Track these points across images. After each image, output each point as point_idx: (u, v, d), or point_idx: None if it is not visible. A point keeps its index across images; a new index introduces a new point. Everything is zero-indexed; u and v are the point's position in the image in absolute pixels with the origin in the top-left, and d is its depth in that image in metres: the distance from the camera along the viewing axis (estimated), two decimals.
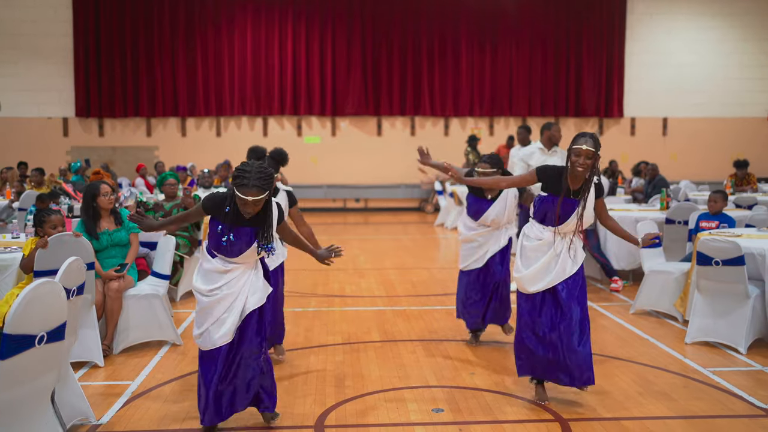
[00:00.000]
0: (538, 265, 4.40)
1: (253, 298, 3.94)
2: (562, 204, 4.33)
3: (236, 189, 3.74)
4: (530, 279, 4.42)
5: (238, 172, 3.75)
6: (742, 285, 5.61)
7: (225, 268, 3.89)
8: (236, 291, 3.89)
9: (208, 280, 3.92)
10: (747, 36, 18.86)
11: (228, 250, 3.85)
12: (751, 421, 4.25)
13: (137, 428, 4.16)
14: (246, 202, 3.73)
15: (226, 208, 3.82)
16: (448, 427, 4.17)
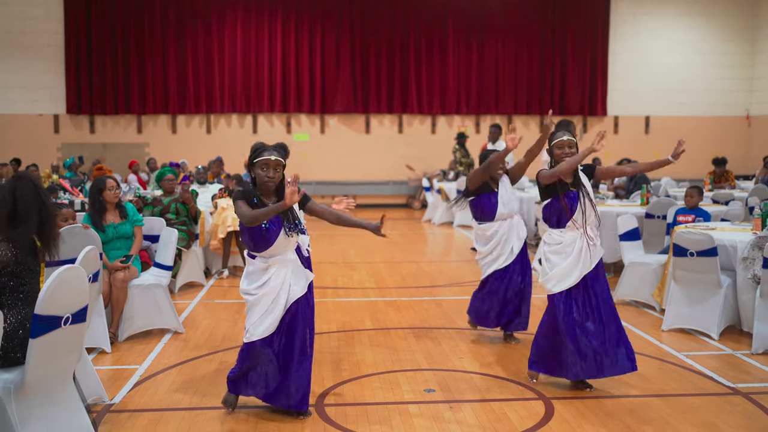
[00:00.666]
0: (562, 266, 4.58)
1: (297, 287, 4.16)
2: (566, 198, 4.58)
3: (258, 157, 4.05)
4: (556, 279, 4.60)
5: (255, 146, 4.13)
6: (714, 275, 5.95)
7: (266, 265, 4.12)
8: (279, 283, 4.11)
9: (251, 280, 4.17)
10: (728, 36, 19.29)
11: (266, 240, 4.06)
12: (719, 399, 4.58)
13: (148, 407, 4.43)
14: (269, 163, 4.02)
15: (254, 200, 4.09)
16: (439, 405, 4.47)
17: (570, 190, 4.61)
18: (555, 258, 4.64)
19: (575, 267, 4.57)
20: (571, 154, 4.58)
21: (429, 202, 15.82)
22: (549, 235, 4.72)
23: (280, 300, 4.10)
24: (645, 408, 4.42)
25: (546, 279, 4.67)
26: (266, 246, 4.10)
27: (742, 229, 6.60)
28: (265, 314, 4.10)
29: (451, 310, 6.96)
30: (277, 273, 4.11)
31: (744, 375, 5.04)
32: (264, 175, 4.05)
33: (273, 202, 4.10)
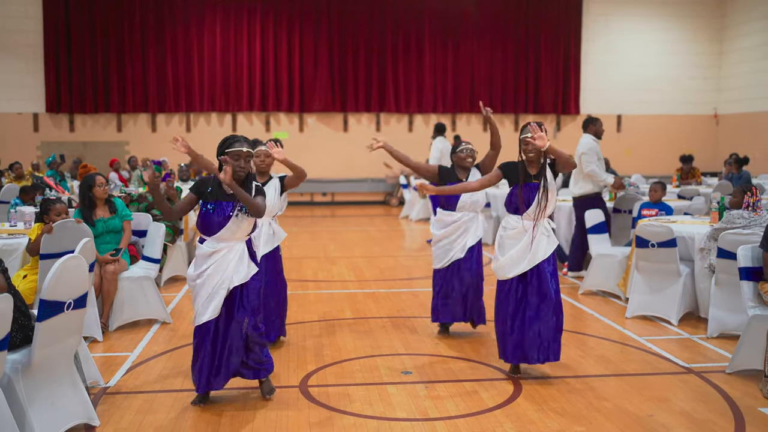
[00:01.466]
0: (514, 252, 4.77)
1: (237, 276, 4.30)
2: (526, 189, 4.78)
3: (230, 148, 4.25)
4: (508, 265, 4.80)
5: (226, 138, 4.33)
6: (674, 265, 6.33)
7: (212, 250, 4.26)
8: (221, 270, 4.26)
9: (196, 265, 4.33)
10: (697, 38, 19.83)
11: (212, 223, 4.24)
12: (674, 377, 4.95)
13: (141, 389, 4.70)
14: (240, 154, 4.22)
15: (209, 188, 4.32)
16: (416, 386, 4.79)
17: (532, 182, 4.80)
18: (509, 243, 4.83)
19: (525, 255, 4.76)
20: (535, 151, 4.76)
21: (406, 199, 16.15)
22: (506, 219, 4.93)
23: (221, 288, 4.26)
24: (605, 386, 4.77)
25: (498, 266, 4.88)
26: (214, 230, 4.26)
27: (701, 222, 7.00)
28: (207, 299, 4.27)
29: (428, 301, 7.23)
30: (221, 259, 4.27)
31: (698, 356, 5.42)
32: (236, 165, 4.21)
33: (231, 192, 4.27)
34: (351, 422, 4.15)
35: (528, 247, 4.76)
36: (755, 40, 18.48)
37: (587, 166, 8.13)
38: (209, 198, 4.30)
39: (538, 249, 4.77)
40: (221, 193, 4.29)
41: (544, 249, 4.79)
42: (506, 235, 4.86)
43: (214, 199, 4.28)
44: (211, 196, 4.30)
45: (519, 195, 4.79)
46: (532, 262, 4.77)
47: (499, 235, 4.95)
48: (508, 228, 4.88)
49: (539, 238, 4.76)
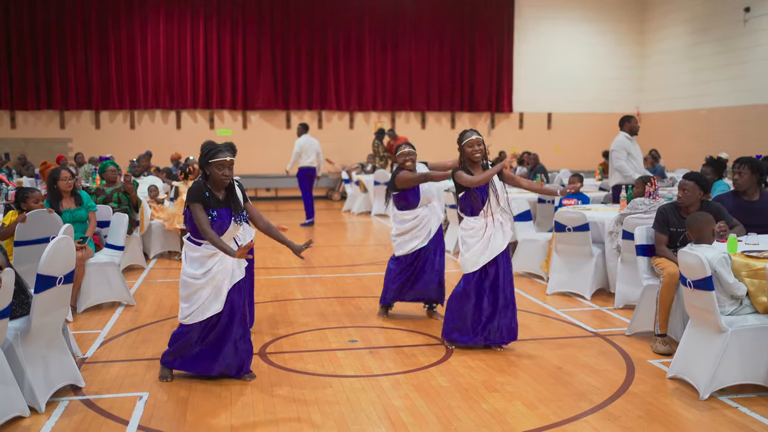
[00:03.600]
0: (475, 248, 5.25)
1: (239, 271, 4.61)
2: (478, 190, 5.24)
3: (213, 158, 4.46)
4: (471, 260, 5.28)
5: (209, 147, 4.53)
6: (587, 246, 7.18)
7: (213, 251, 4.49)
8: (224, 268, 4.54)
9: (197, 265, 4.52)
10: (620, 41, 21.05)
11: (217, 230, 4.44)
12: (582, 339, 5.77)
13: (117, 359, 5.26)
14: (224, 163, 4.46)
15: (206, 193, 4.48)
16: (361, 351, 5.47)
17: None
18: (470, 241, 5.31)
19: (485, 249, 5.25)
20: (480, 151, 5.30)
21: (348, 193, 16.82)
22: (465, 222, 5.38)
23: (225, 284, 4.54)
24: (524, 347, 5.54)
25: (463, 260, 5.37)
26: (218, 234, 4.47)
27: (612, 209, 7.89)
28: (210, 299, 4.52)
29: (370, 284, 7.98)
30: (222, 259, 4.53)
31: (605, 323, 6.26)
32: (221, 174, 4.47)
33: (222, 196, 4.55)
34: (305, 379, 4.81)
35: (487, 242, 5.24)
36: (673, 43, 19.79)
37: (616, 162, 9.01)
38: (210, 204, 4.48)
39: (497, 241, 5.26)
40: (216, 201, 4.51)
41: (501, 240, 5.28)
42: (467, 234, 5.33)
43: (214, 206, 4.49)
44: (210, 202, 4.48)
45: (473, 197, 5.24)
46: (491, 255, 5.26)
47: (460, 236, 5.41)
48: (468, 228, 5.33)
49: (497, 232, 5.26)
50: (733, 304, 4.52)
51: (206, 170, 4.55)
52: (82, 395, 4.48)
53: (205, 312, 4.57)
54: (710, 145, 17.58)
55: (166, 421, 4.11)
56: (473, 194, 5.29)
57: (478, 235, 5.28)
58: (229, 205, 4.57)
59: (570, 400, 4.40)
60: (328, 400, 4.41)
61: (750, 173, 5.86)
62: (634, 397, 4.45)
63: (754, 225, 5.73)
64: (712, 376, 4.34)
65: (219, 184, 4.54)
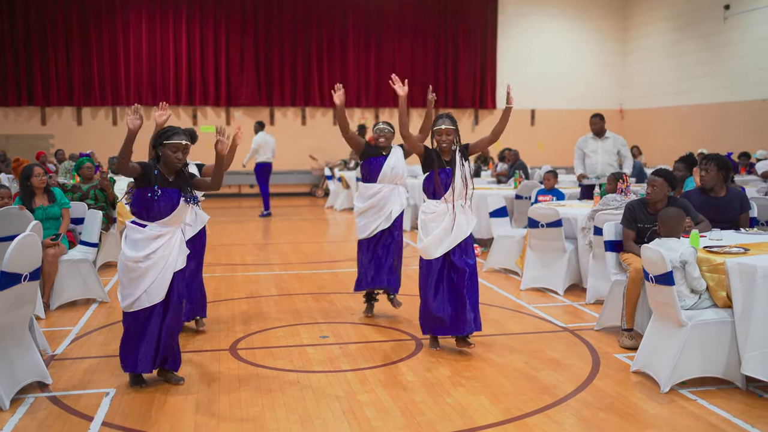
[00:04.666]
0: (437, 232, 5.16)
1: (181, 259, 4.50)
2: (442, 175, 5.17)
3: (169, 139, 4.37)
4: (432, 245, 5.19)
5: (165, 129, 4.46)
6: (560, 242, 7.24)
7: (158, 233, 4.38)
8: (168, 253, 4.40)
9: (140, 247, 4.35)
10: (604, 37, 21.15)
11: (159, 211, 4.36)
12: (552, 334, 5.82)
13: (87, 356, 5.27)
14: (179, 146, 4.38)
15: (155, 170, 4.42)
16: (332, 347, 5.51)
17: (445, 167, 5.21)
18: (431, 225, 5.22)
19: (446, 236, 5.18)
20: (447, 141, 5.18)
21: (331, 190, 16.83)
22: (426, 204, 5.31)
23: (168, 269, 4.40)
24: (493, 343, 5.59)
25: (423, 246, 5.27)
26: (163, 215, 4.39)
27: (585, 205, 7.95)
28: (154, 284, 4.36)
29: (347, 280, 8.01)
30: (167, 242, 4.41)
31: (575, 318, 6.32)
32: (173, 156, 4.38)
33: (172, 179, 4.44)
34: (273, 374, 4.84)
35: (450, 227, 5.17)
36: (656, 41, 19.91)
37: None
38: (155, 183, 4.37)
39: (459, 229, 5.19)
40: (164, 180, 4.42)
41: (464, 228, 5.22)
42: (427, 219, 5.25)
43: (161, 185, 4.39)
44: (157, 180, 4.38)
45: (436, 180, 5.19)
46: (453, 241, 5.19)
47: (420, 219, 5.34)
48: (428, 212, 5.26)
49: (459, 219, 5.18)
50: (692, 298, 4.58)
51: (159, 151, 4.47)
52: (49, 392, 4.49)
53: (147, 298, 4.39)
54: (692, 141, 17.71)
55: (131, 417, 4.13)
56: (436, 177, 5.21)
57: (439, 220, 5.21)
58: (179, 186, 4.46)
59: (533, 394, 4.45)
60: (294, 395, 4.45)
61: (716, 170, 5.93)
62: (597, 390, 4.51)
63: (719, 221, 5.82)
64: (673, 369, 4.40)
65: (171, 166, 4.44)
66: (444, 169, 5.23)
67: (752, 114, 16.38)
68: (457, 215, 5.19)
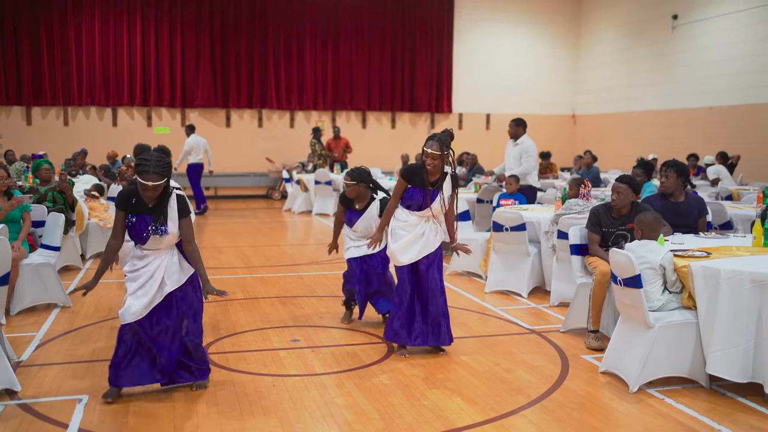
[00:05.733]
0: (406, 239, 5.25)
1: (171, 281, 4.42)
2: (421, 192, 5.23)
3: (138, 176, 4.24)
4: (400, 251, 5.28)
5: (139, 161, 4.25)
6: (524, 246, 7.38)
7: (141, 254, 4.41)
8: (150, 272, 4.39)
9: (129, 264, 4.47)
10: (558, 44, 21.56)
11: (136, 237, 4.35)
12: (519, 336, 5.94)
13: (54, 362, 5.17)
14: (147, 187, 4.23)
15: (132, 199, 4.36)
16: (304, 350, 5.52)
17: (429, 188, 5.25)
18: (401, 233, 5.30)
19: (416, 244, 5.28)
20: (432, 165, 5.15)
21: (289, 192, 16.77)
22: (399, 212, 5.37)
23: (153, 284, 4.38)
24: (463, 345, 5.67)
25: (390, 251, 5.38)
26: (140, 242, 4.40)
27: (548, 209, 8.11)
28: (139, 295, 4.36)
29: (312, 283, 8.02)
30: (152, 263, 4.42)
31: (540, 320, 6.46)
32: (143, 193, 4.31)
33: (153, 205, 4.36)
34: (249, 378, 4.83)
35: (419, 238, 5.27)
36: (607, 48, 20.38)
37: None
38: (133, 210, 4.36)
39: (428, 241, 5.29)
40: (143, 207, 4.36)
41: (433, 241, 5.32)
42: (398, 226, 5.33)
43: (137, 212, 4.36)
44: (134, 209, 4.36)
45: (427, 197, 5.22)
46: (422, 252, 5.28)
47: (391, 225, 5.39)
48: (400, 220, 5.34)
49: (428, 233, 5.29)
50: (660, 300, 4.74)
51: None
52: (18, 399, 4.40)
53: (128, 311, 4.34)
54: (641, 147, 18.20)
55: (107, 424, 4.08)
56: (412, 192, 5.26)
57: (408, 230, 5.29)
58: (153, 213, 4.37)
59: (507, 396, 4.54)
60: (272, 399, 4.45)
61: (676, 176, 6.14)
62: (568, 391, 4.62)
63: (679, 225, 6.02)
64: (641, 369, 4.55)
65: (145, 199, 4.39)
66: (425, 189, 5.23)
67: (699, 121, 16.92)
68: (427, 230, 5.28)
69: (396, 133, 20.35)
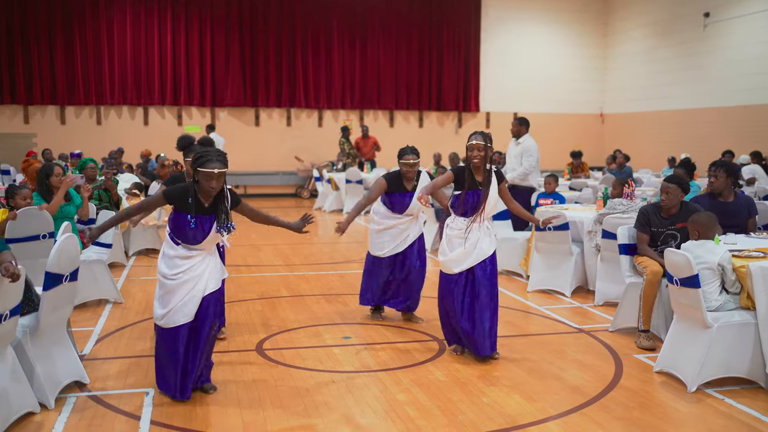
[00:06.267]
0: (460, 249, 5.14)
1: (212, 282, 4.36)
2: (473, 195, 5.11)
3: (202, 167, 4.16)
4: (455, 261, 5.18)
5: (200, 154, 4.22)
6: (567, 245, 7.40)
7: (188, 254, 4.28)
8: (198, 275, 4.29)
9: (171, 265, 4.28)
10: (584, 42, 21.50)
11: (192, 238, 4.27)
12: (568, 335, 5.98)
13: (116, 356, 5.29)
14: (212, 176, 4.14)
15: (189, 199, 4.25)
16: (357, 347, 5.60)
17: (477, 189, 5.16)
18: (456, 241, 5.19)
19: (471, 253, 5.14)
20: (479, 157, 5.10)
21: (320, 191, 16.87)
22: (453, 220, 5.27)
23: (197, 288, 4.29)
24: (513, 344, 5.72)
25: (445, 260, 5.23)
26: (194, 242, 4.30)
27: (589, 209, 8.13)
28: (183, 302, 4.25)
29: (354, 281, 8.08)
30: (199, 263, 4.31)
31: (587, 320, 6.49)
32: (207, 185, 4.20)
33: (209, 203, 4.29)
34: (307, 375, 4.92)
35: (473, 245, 5.15)
36: (635, 47, 20.29)
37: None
38: (190, 210, 4.25)
39: (482, 247, 5.17)
40: (200, 207, 4.28)
41: (487, 247, 5.20)
42: (453, 235, 5.23)
43: (195, 212, 4.26)
44: (191, 208, 4.25)
45: (462, 199, 5.16)
46: (477, 259, 5.17)
47: (446, 234, 5.30)
48: (455, 228, 5.23)
49: (482, 238, 5.18)
50: (718, 300, 4.76)
51: (196, 176, 4.27)
52: (88, 391, 4.52)
53: (173, 317, 4.27)
54: (671, 146, 18.10)
55: (176, 416, 4.18)
56: (463, 196, 5.18)
57: (463, 237, 5.18)
58: (215, 212, 4.32)
59: (565, 394, 4.59)
60: (333, 395, 4.53)
61: (725, 176, 6.14)
62: (626, 390, 4.66)
63: (729, 225, 6.02)
64: (699, 369, 4.57)
65: (205, 194, 4.29)
66: (475, 191, 5.17)
67: (731, 120, 16.80)
68: (481, 236, 5.18)
69: (423, 133, 20.39)
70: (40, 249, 5.94)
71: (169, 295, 4.27)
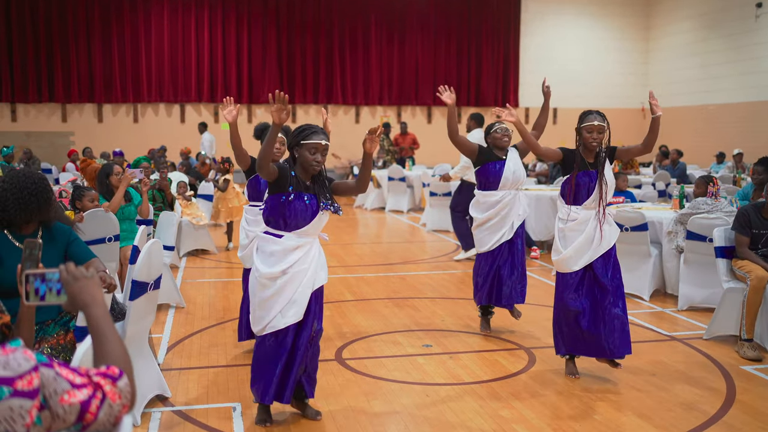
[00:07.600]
0: (578, 243, 4.54)
1: (323, 273, 3.94)
2: (585, 177, 4.58)
3: (307, 139, 3.79)
4: (572, 258, 4.58)
5: (303, 127, 3.86)
6: (645, 246, 7.05)
7: (296, 244, 3.82)
8: (307, 267, 3.84)
9: (277, 261, 3.81)
10: (625, 36, 21.03)
11: (301, 216, 3.80)
12: (662, 343, 5.63)
13: (190, 366, 5.04)
14: (319, 147, 3.78)
15: (292, 172, 3.86)
16: (441, 356, 5.30)
17: (589, 170, 4.63)
18: (571, 234, 4.62)
19: (588, 247, 4.56)
20: (598, 140, 4.61)
21: None
22: (564, 211, 4.69)
23: (306, 285, 3.85)
24: None
25: (561, 258, 4.64)
26: (304, 222, 3.82)
27: (663, 208, 7.77)
28: (289, 303, 3.82)
29: (416, 284, 7.80)
30: (306, 255, 3.86)
31: (675, 326, 6.14)
32: (312, 158, 3.81)
33: (309, 185, 3.87)
34: (398, 387, 4.62)
35: (592, 236, 4.58)
36: (678, 40, 19.78)
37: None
38: (295, 188, 3.82)
39: (604, 238, 4.59)
40: (302, 185, 3.85)
41: (609, 237, 4.62)
42: (568, 227, 4.66)
43: (298, 190, 3.83)
44: (294, 183, 3.83)
45: (572, 183, 4.63)
46: (598, 251, 4.59)
47: (559, 228, 4.74)
48: (569, 219, 4.66)
49: (604, 227, 4.60)
50: None
51: (295, 152, 3.86)
52: (172, 406, 4.26)
53: (282, 319, 3.81)
54: (718, 141, 17.60)
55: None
56: (573, 180, 4.58)
57: (579, 229, 4.60)
58: (316, 192, 3.88)
59: (680, 411, 4.26)
60: (432, 410, 4.24)
61: None
62: (747, 407, 4.32)
63: None
64: None
65: (308, 169, 3.84)
66: (588, 171, 4.62)
67: None
68: (598, 226, 4.61)
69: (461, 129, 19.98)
70: (106, 252, 5.71)
71: (275, 296, 3.79)
